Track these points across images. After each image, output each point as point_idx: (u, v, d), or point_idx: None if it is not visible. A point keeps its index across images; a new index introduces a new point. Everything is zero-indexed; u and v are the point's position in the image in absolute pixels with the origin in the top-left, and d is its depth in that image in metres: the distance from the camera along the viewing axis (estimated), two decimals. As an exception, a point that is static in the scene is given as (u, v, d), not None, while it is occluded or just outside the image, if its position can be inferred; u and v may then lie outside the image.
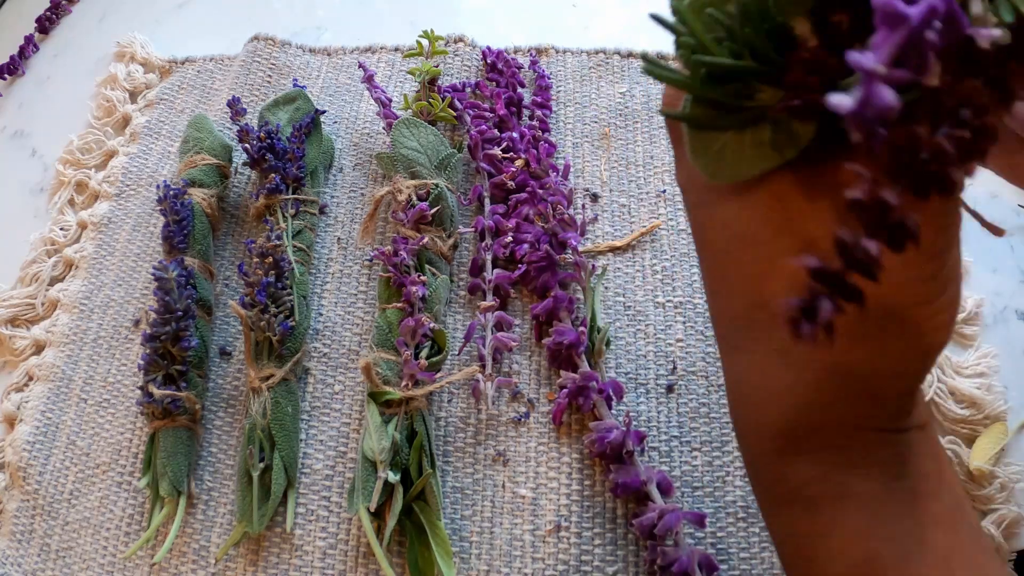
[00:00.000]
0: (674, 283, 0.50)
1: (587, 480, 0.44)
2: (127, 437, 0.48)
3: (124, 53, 0.68)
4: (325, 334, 0.51)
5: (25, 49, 0.71)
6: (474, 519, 0.44)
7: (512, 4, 0.69)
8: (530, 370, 0.48)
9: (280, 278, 0.47)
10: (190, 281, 0.49)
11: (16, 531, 0.46)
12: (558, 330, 0.46)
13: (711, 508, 0.43)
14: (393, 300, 0.48)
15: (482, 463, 0.45)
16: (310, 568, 0.43)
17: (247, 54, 0.64)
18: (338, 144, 0.59)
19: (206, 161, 0.55)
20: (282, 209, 0.52)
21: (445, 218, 0.51)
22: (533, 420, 0.46)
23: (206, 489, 0.46)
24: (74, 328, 0.53)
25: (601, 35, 0.65)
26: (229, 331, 0.52)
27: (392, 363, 0.46)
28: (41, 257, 0.57)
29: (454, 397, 0.47)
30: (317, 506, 0.45)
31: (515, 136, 0.55)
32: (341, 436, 0.47)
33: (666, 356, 0.48)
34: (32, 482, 0.47)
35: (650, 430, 0.45)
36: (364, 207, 0.56)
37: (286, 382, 0.47)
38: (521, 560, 0.42)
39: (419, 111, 0.56)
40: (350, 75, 0.63)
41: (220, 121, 0.60)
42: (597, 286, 0.49)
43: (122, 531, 0.45)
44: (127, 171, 0.60)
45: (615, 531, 0.42)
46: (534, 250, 0.49)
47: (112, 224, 0.58)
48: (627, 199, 0.54)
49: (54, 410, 0.50)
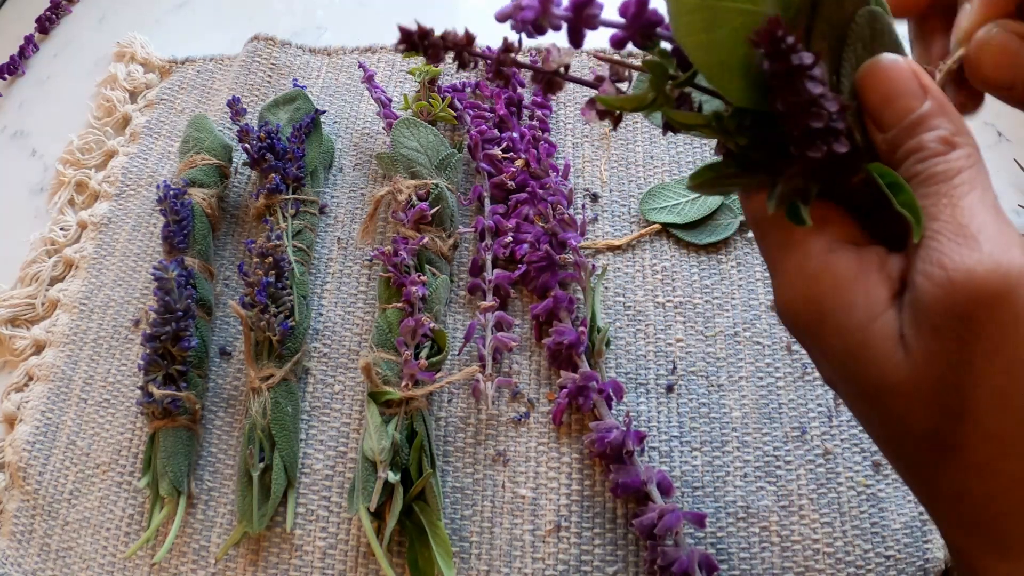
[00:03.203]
0: (674, 283, 0.50)
1: (587, 480, 0.44)
2: (127, 437, 0.48)
3: (124, 53, 0.68)
4: (325, 334, 0.51)
5: (25, 49, 0.71)
6: (474, 519, 0.44)
7: (512, 4, 0.69)
8: (530, 370, 0.48)
9: (280, 278, 0.47)
10: (190, 281, 0.49)
11: (16, 531, 0.46)
12: (558, 330, 0.46)
13: (711, 508, 0.43)
14: (393, 300, 0.48)
15: (482, 463, 0.45)
16: (310, 568, 0.43)
17: (247, 54, 0.64)
18: (338, 144, 0.59)
19: (206, 161, 0.55)
20: (282, 209, 0.52)
21: (445, 218, 0.51)
22: (533, 420, 0.46)
23: (206, 489, 0.46)
24: (74, 328, 0.53)
25: (601, 35, 0.65)
26: (229, 331, 0.52)
27: (392, 363, 0.46)
28: (41, 257, 0.57)
29: (454, 397, 0.47)
30: (317, 506, 0.45)
31: (515, 136, 0.55)
32: (341, 436, 0.47)
33: (666, 356, 0.48)
34: (32, 482, 0.47)
35: (650, 430, 0.45)
36: (364, 207, 0.56)
37: (286, 382, 0.47)
38: (521, 560, 0.42)
39: (419, 111, 0.56)
40: (350, 75, 0.63)
41: (220, 121, 0.60)
42: (597, 286, 0.49)
43: (122, 531, 0.45)
44: (127, 171, 0.60)
45: (615, 531, 0.42)
46: (534, 250, 0.49)
47: (112, 224, 0.58)
48: (627, 199, 0.54)
49: (54, 410, 0.50)
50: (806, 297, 0.24)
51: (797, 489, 0.43)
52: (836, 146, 0.22)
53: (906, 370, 0.22)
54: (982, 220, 0.22)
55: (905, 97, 0.23)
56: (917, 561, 0.40)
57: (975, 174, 0.23)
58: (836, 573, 0.40)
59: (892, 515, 0.41)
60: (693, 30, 0.22)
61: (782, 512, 0.42)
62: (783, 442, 0.44)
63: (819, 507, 0.42)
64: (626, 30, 0.23)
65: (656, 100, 0.23)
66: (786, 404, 0.45)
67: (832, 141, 0.22)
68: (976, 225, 0.22)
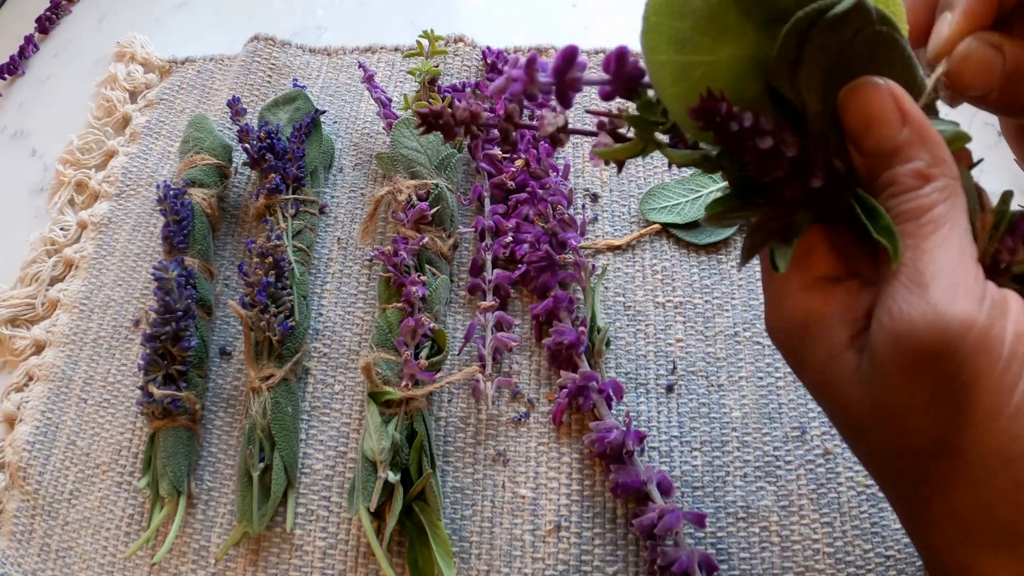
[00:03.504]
0: (674, 283, 0.50)
1: (587, 480, 0.44)
2: (127, 437, 0.48)
3: (124, 53, 0.68)
4: (325, 334, 0.51)
5: (25, 49, 0.71)
6: (474, 519, 0.44)
7: (512, 4, 0.69)
8: (530, 370, 0.48)
9: (280, 278, 0.47)
10: (190, 281, 0.49)
11: (16, 531, 0.46)
12: (558, 330, 0.46)
13: (711, 508, 0.43)
14: (393, 300, 0.48)
15: (482, 463, 0.45)
16: (310, 568, 0.43)
17: (247, 54, 0.64)
18: (338, 144, 0.59)
19: (206, 161, 0.55)
20: (282, 209, 0.52)
21: (445, 218, 0.51)
22: (533, 420, 0.46)
23: (206, 489, 0.46)
24: (74, 328, 0.53)
25: (601, 35, 0.65)
26: (229, 331, 0.52)
27: (392, 363, 0.46)
28: (41, 257, 0.57)
29: (454, 397, 0.47)
30: (317, 506, 0.45)
31: (515, 136, 0.55)
32: (341, 436, 0.47)
33: (666, 356, 0.48)
34: (32, 482, 0.47)
35: (650, 430, 0.45)
36: (364, 207, 0.56)
37: (286, 382, 0.47)
38: (521, 560, 0.42)
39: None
40: (350, 75, 0.63)
41: (220, 121, 0.60)
42: (597, 286, 0.49)
43: (122, 531, 0.45)
44: (127, 171, 0.60)
45: (615, 531, 0.42)
46: (534, 250, 0.49)
47: (112, 224, 0.58)
48: (627, 199, 0.54)
49: (54, 410, 0.50)
50: (779, 328, 0.26)
51: (797, 489, 0.43)
52: (812, 181, 0.23)
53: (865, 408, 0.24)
54: (939, 266, 0.22)
55: (882, 124, 0.23)
56: (917, 561, 0.40)
57: (946, 209, 0.23)
58: (836, 573, 0.40)
59: (892, 515, 0.41)
60: (665, 83, 0.23)
61: (782, 512, 0.42)
62: (783, 442, 0.44)
63: (819, 507, 0.42)
64: (611, 85, 0.25)
65: (646, 148, 0.25)
66: (786, 404, 0.45)
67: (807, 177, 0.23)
68: (932, 271, 0.22)
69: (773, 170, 0.23)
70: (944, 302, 0.21)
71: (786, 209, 0.24)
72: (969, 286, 0.22)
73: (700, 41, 0.23)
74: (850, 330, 0.24)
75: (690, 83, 0.23)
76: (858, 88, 0.23)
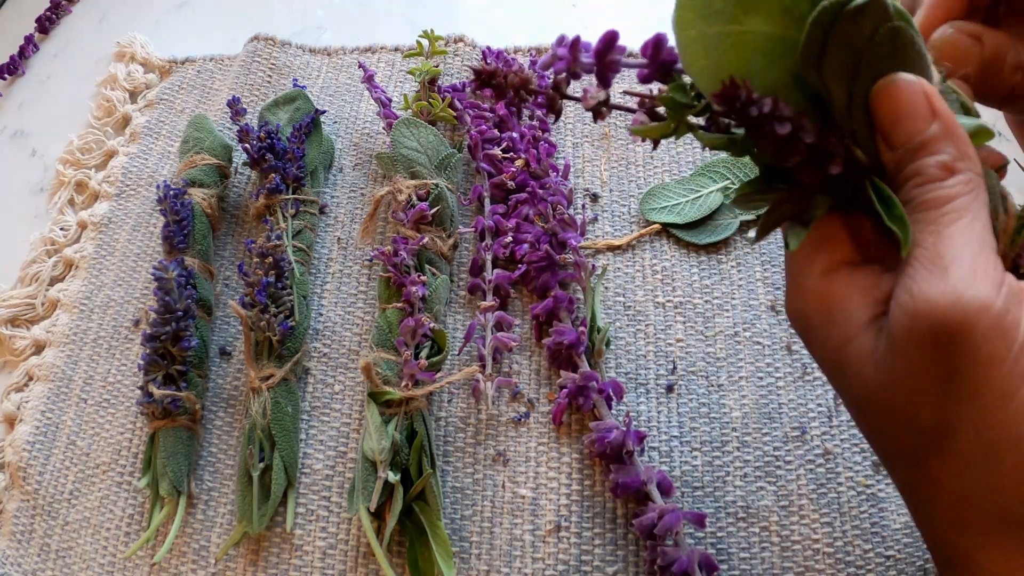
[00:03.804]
0: (674, 283, 0.50)
1: (587, 480, 0.44)
2: (127, 437, 0.48)
3: (124, 53, 0.68)
4: (325, 334, 0.51)
5: (25, 49, 0.71)
6: (474, 519, 0.44)
7: (512, 4, 0.69)
8: (530, 370, 0.48)
9: (280, 278, 0.47)
10: (190, 281, 0.49)
11: (16, 531, 0.46)
12: (558, 330, 0.46)
13: (711, 508, 0.43)
14: (393, 300, 0.48)
15: (482, 463, 0.45)
16: (310, 568, 0.43)
17: (247, 54, 0.64)
18: (338, 144, 0.59)
19: (206, 161, 0.55)
20: (282, 209, 0.52)
21: (445, 218, 0.51)
22: (533, 420, 0.46)
23: (206, 489, 0.46)
24: (74, 328, 0.53)
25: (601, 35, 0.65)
26: (229, 331, 0.52)
27: (392, 363, 0.46)
28: (41, 257, 0.57)
29: (454, 397, 0.47)
30: (317, 506, 0.45)
31: (515, 136, 0.55)
32: (341, 436, 0.47)
33: (666, 356, 0.48)
34: (32, 482, 0.47)
35: (650, 430, 0.45)
36: (364, 207, 0.56)
37: (286, 382, 0.47)
38: (521, 560, 0.42)
39: (419, 111, 0.56)
40: (350, 75, 0.63)
41: (220, 121, 0.60)
42: (597, 286, 0.49)
43: (122, 531, 0.45)
44: (127, 171, 0.60)
45: (615, 531, 0.42)
46: (534, 250, 0.49)
47: (112, 224, 0.58)
48: (627, 199, 0.54)
49: (54, 410, 0.50)
50: (799, 310, 0.27)
51: (797, 489, 0.43)
52: (831, 168, 0.24)
53: (877, 387, 0.24)
54: (959, 250, 0.22)
55: (913, 119, 0.24)
56: (917, 561, 0.40)
57: (969, 201, 0.23)
58: (836, 573, 0.40)
59: (892, 515, 0.41)
60: (696, 58, 0.24)
61: (782, 512, 0.42)
62: (783, 442, 0.44)
63: (819, 507, 0.42)
64: (648, 68, 0.26)
65: (678, 128, 0.25)
66: (786, 404, 0.45)
67: (826, 164, 0.24)
68: (952, 255, 0.22)
69: (791, 155, 0.23)
70: (963, 284, 0.22)
71: (804, 193, 0.25)
72: (988, 271, 0.22)
73: (729, 11, 0.23)
74: (870, 312, 0.25)
75: (719, 54, 0.24)
76: (892, 84, 0.24)
